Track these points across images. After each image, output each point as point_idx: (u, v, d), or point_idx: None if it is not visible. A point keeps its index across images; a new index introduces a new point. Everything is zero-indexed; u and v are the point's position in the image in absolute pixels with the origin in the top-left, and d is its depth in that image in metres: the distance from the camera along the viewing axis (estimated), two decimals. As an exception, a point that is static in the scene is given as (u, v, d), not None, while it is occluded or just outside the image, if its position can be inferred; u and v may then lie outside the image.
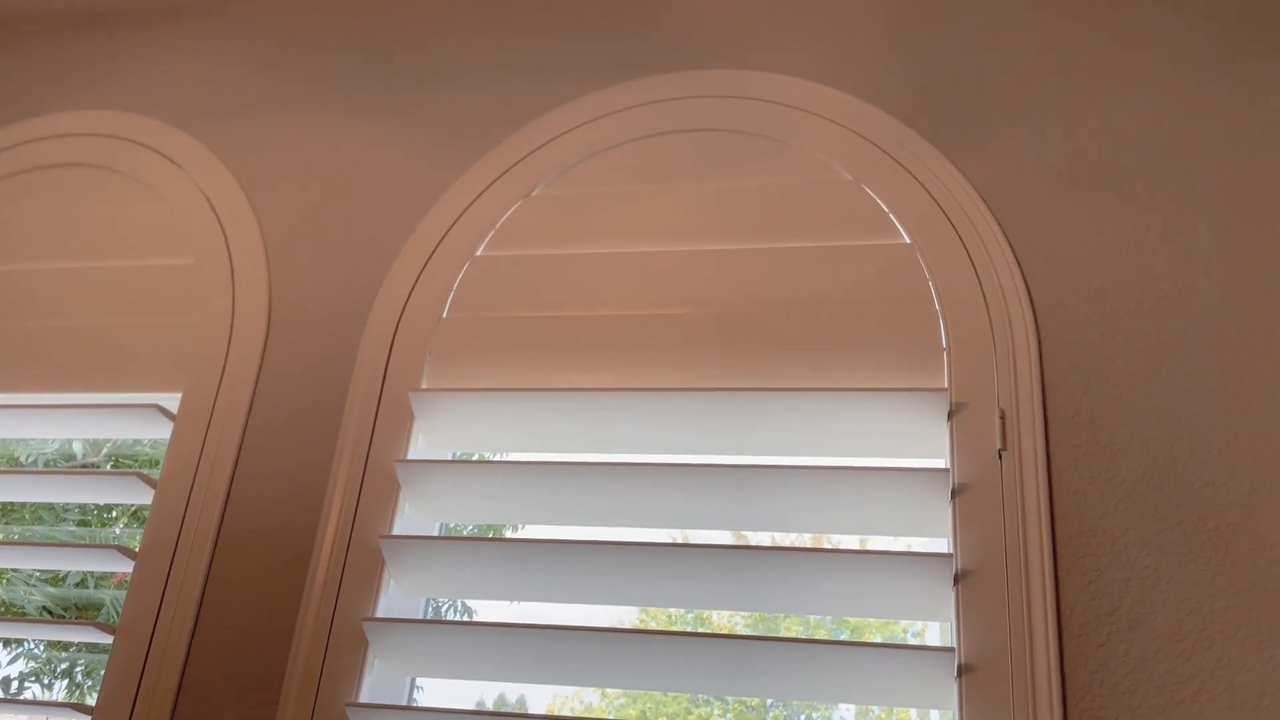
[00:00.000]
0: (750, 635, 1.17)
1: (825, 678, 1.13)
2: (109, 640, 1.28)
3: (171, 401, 1.43)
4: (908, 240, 1.35)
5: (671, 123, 1.50)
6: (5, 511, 2.06)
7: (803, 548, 1.24)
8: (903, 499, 1.20)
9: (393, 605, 1.29)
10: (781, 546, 1.22)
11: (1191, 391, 1.20)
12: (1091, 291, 1.27)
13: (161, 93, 1.72)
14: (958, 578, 1.14)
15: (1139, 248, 1.29)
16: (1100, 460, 1.18)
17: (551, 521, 1.31)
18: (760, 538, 1.37)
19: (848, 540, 1.38)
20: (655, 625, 1.42)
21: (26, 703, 1.54)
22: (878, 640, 1.34)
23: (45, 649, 2.02)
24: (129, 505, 1.72)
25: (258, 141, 1.63)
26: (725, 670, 1.16)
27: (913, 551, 1.17)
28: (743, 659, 1.14)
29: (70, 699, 2.04)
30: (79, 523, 2.12)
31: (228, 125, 1.66)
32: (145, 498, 1.38)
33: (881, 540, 1.29)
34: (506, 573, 1.25)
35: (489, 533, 1.56)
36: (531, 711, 1.33)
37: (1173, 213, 1.31)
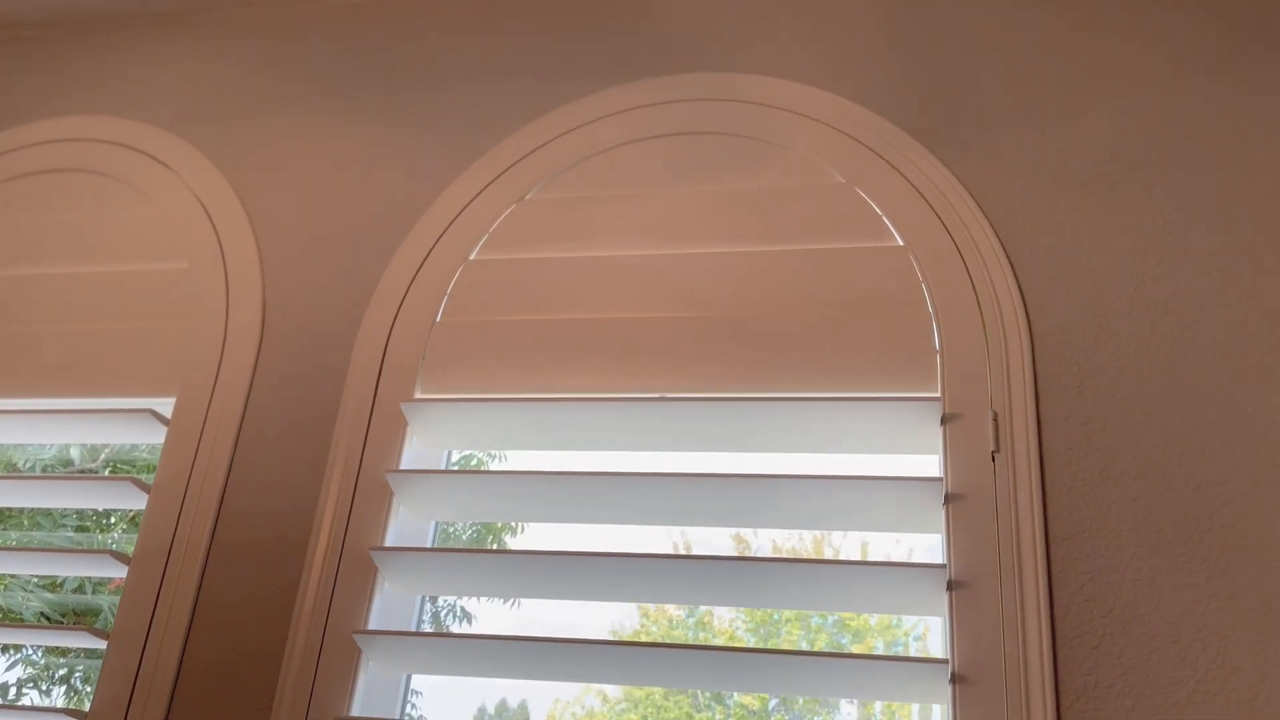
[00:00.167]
0: (746, 648, 1.17)
1: (820, 689, 1.13)
2: (104, 646, 1.28)
3: (166, 406, 1.43)
4: (901, 243, 1.35)
5: (666, 126, 1.50)
6: (3, 518, 2.06)
7: (796, 559, 1.24)
8: (897, 502, 1.20)
9: (386, 613, 1.29)
10: (776, 558, 1.22)
11: (1185, 393, 1.20)
12: (1084, 293, 1.27)
13: (154, 97, 1.72)
14: (951, 583, 1.14)
15: (1132, 249, 1.29)
16: (1093, 462, 1.18)
17: (546, 532, 1.31)
18: (758, 542, 1.37)
19: (842, 539, 1.38)
20: (655, 628, 1.41)
21: (21, 709, 1.53)
22: (874, 653, 1.33)
23: (43, 655, 2.01)
24: (127, 511, 1.71)
25: (251, 145, 1.63)
26: (727, 677, 1.17)
27: (908, 563, 1.17)
28: (741, 668, 1.14)
29: (69, 705, 2.03)
30: (77, 528, 2.12)
31: (221, 129, 1.66)
32: (139, 503, 1.38)
33: (876, 538, 1.29)
34: (501, 582, 1.25)
35: (488, 537, 1.56)
36: (531, 713, 1.33)
37: (1166, 215, 1.31)
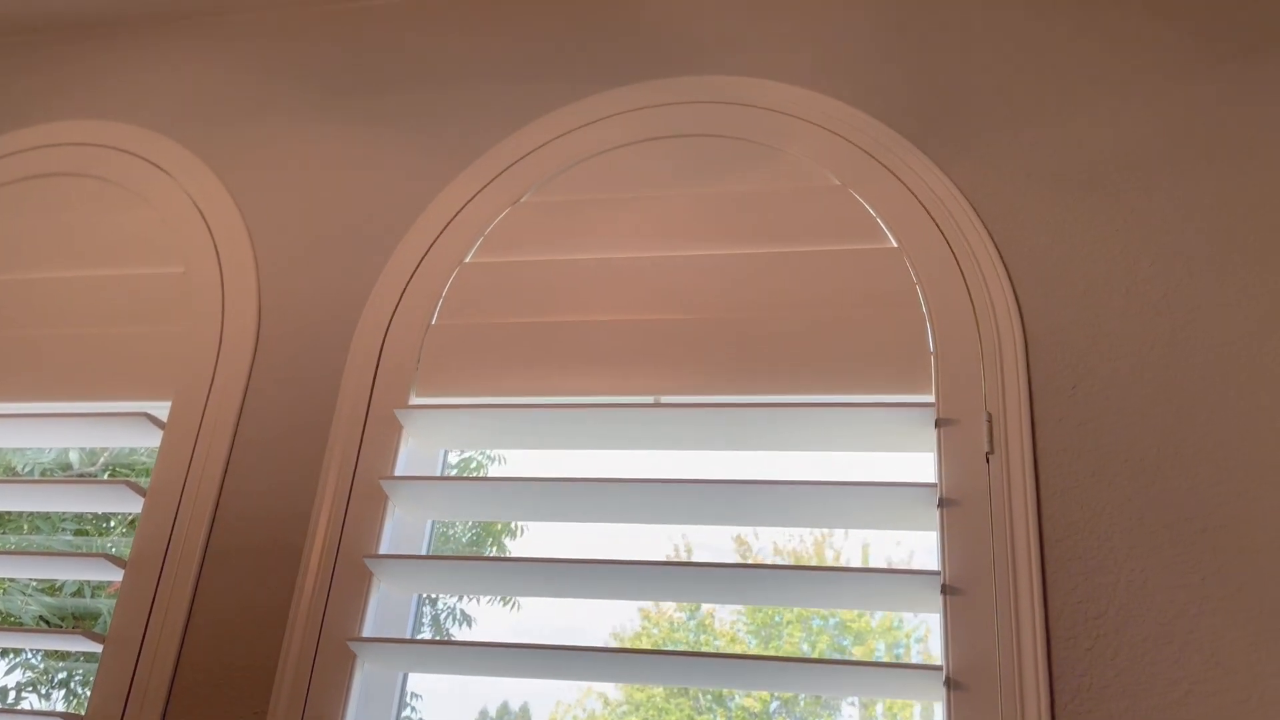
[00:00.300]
0: (741, 654, 1.17)
1: (817, 692, 1.13)
2: (100, 649, 1.28)
3: (161, 410, 1.44)
4: (895, 245, 1.35)
5: (660, 129, 1.50)
6: (2, 521, 2.06)
7: (792, 565, 1.24)
8: (891, 506, 1.20)
9: (381, 617, 1.29)
10: (770, 565, 1.22)
11: (1178, 394, 1.20)
12: (1078, 294, 1.27)
13: (151, 101, 1.72)
14: (945, 587, 1.14)
15: (1125, 250, 1.29)
16: (1087, 463, 1.18)
17: (545, 533, 1.32)
18: (759, 544, 1.38)
19: (844, 539, 1.39)
20: (656, 630, 1.41)
21: (20, 713, 1.53)
22: (868, 659, 1.33)
23: (42, 659, 2.01)
24: (126, 515, 1.72)
25: (248, 149, 1.63)
26: (727, 679, 1.17)
27: (902, 569, 1.17)
28: (740, 672, 1.15)
29: (69, 709, 2.03)
30: (76, 532, 2.12)
31: (217, 133, 1.66)
32: (135, 506, 1.38)
33: (878, 538, 1.30)
34: (497, 587, 1.25)
35: (487, 539, 1.56)
36: (533, 716, 1.33)
37: (1159, 216, 1.31)
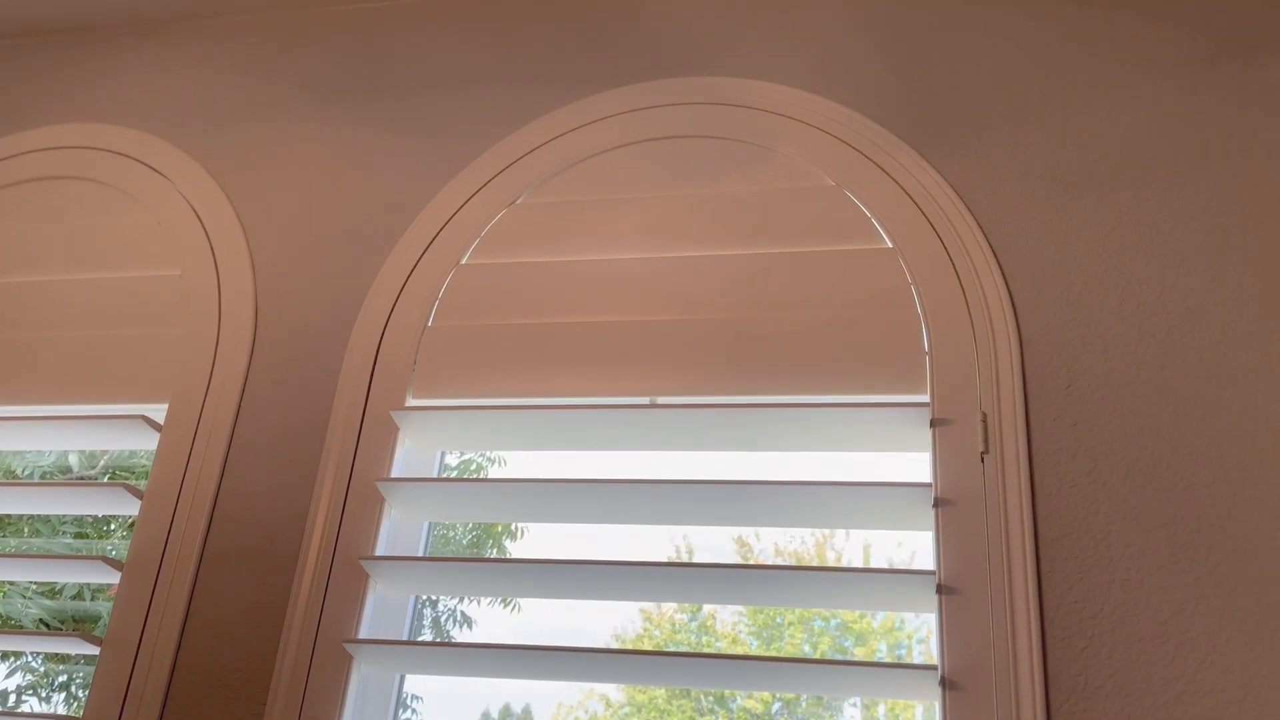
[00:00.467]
0: (734, 655, 1.17)
1: (814, 691, 1.13)
2: (97, 652, 1.28)
3: (158, 413, 1.44)
4: (890, 245, 1.35)
5: (655, 130, 1.50)
6: (3, 525, 2.06)
7: (786, 566, 1.24)
8: (886, 507, 1.20)
9: (378, 618, 1.29)
10: (762, 565, 1.22)
11: (1173, 393, 1.20)
12: (1073, 294, 1.27)
13: (148, 105, 1.73)
14: (941, 587, 1.14)
15: (1120, 250, 1.29)
16: (1082, 462, 1.18)
17: (546, 533, 1.32)
18: (760, 545, 1.38)
19: (845, 539, 1.39)
20: (658, 632, 1.42)
21: (19, 715, 1.53)
22: (863, 659, 1.32)
23: (42, 662, 2.02)
24: (126, 517, 1.72)
25: (243, 152, 1.64)
26: (723, 678, 1.17)
27: (897, 569, 1.17)
28: (732, 674, 1.15)
29: (69, 712, 2.03)
30: (76, 535, 2.12)
31: (214, 136, 1.66)
32: (133, 509, 1.38)
33: (879, 538, 1.30)
34: (494, 589, 1.26)
35: (487, 540, 1.56)
36: (535, 718, 1.33)
37: (1154, 216, 1.31)
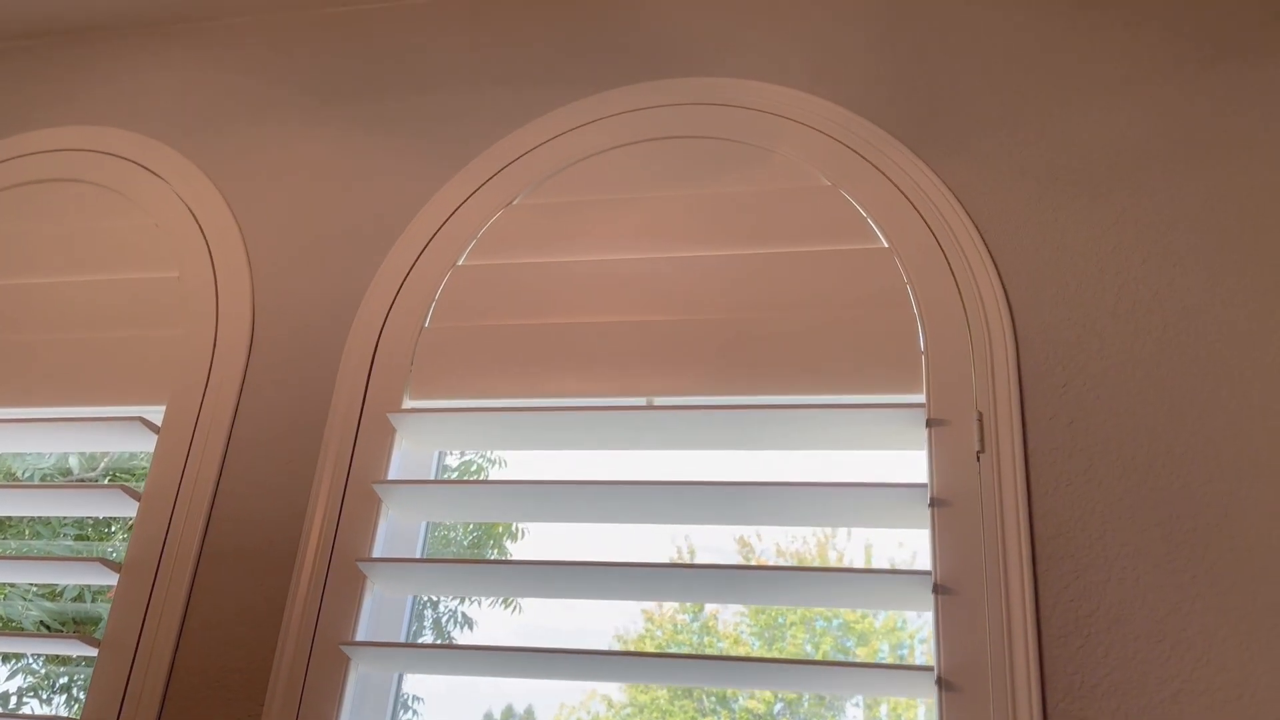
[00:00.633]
0: (732, 656, 1.17)
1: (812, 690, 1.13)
2: (95, 653, 1.29)
3: (156, 414, 1.44)
4: (886, 244, 1.35)
5: (652, 130, 1.50)
6: (3, 527, 2.07)
7: (781, 566, 1.24)
8: (882, 507, 1.20)
9: (375, 620, 1.29)
10: (760, 565, 1.22)
11: (1169, 392, 1.20)
12: (1068, 294, 1.27)
13: (145, 107, 1.73)
14: (937, 586, 1.14)
15: (1116, 250, 1.29)
16: (1078, 461, 1.18)
17: (546, 533, 1.32)
18: (762, 546, 1.38)
19: (846, 539, 1.39)
20: (660, 632, 1.42)
21: (19, 717, 1.54)
22: (863, 660, 1.33)
23: (44, 664, 2.02)
24: (127, 520, 1.72)
25: (241, 154, 1.64)
26: (721, 678, 1.17)
27: (894, 569, 1.17)
28: (733, 675, 1.15)
29: (70, 714, 2.04)
30: (77, 537, 2.12)
31: (211, 138, 1.67)
32: (130, 511, 1.38)
33: (881, 537, 1.30)
34: (493, 589, 1.26)
35: (488, 541, 1.56)
36: (537, 718, 1.33)
37: (1150, 215, 1.31)
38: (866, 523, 1.24)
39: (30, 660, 1.97)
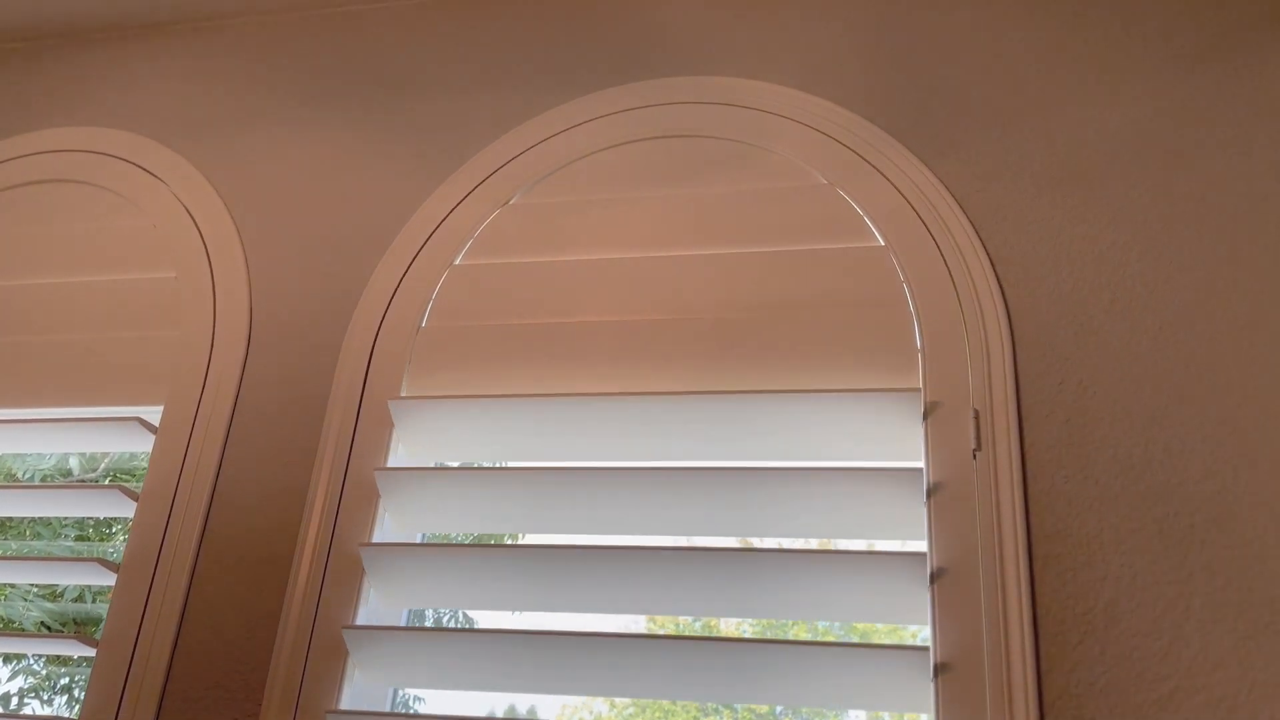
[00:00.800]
0: (712, 637, 1.17)
1: (799, 679, 1.13)
2: (93, 653, 1.29)
3: (154, 415, 1.44)
4: (882, 243, 1.35)
5: (647, 129, 1.50)
6: (4, 528, 2.07)
7: (790, 549, 1.24)
8: (878, 501, 1.20)
9: (373, 614, 1.29)
10: (773, 548, 1.22)
11: (1165, 390, 1.20)
12: (1065, 291, 1.27)
13: (142, 108, 1.73)
14: (933, 576, 1.14)
15: (1112, 247, 1.29)
16: (1075, 459, 1.18)
17: (535, 528, 1.31)
18: (763, 543, 1.38)
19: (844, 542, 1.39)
20: (663, 632, 1.42)
21: (16, 717, 1.54)
22: (852, 640, 1.32)
23: (44, 665, 2.03)
24: (129, 520, 1.72)
25: (238, 155, 1.64)
26: (701, 665, 1.16)
27: (889, 552, 1.17)
28: (731, 666, 1.15)
29: (71, 715, 2.04)
30: (77, 537, 2.13)
31: (208, 139, 1.67)
32: (128, 511, 1.39)
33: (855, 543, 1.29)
34: (494, 581, 1.25)
35: (487, 539, 1.56)
36: (540, 718, 1.33)
37: (1146, 212, 1.31)
38: (863, 522, 1.23)
39: (31, 661, 1.98)
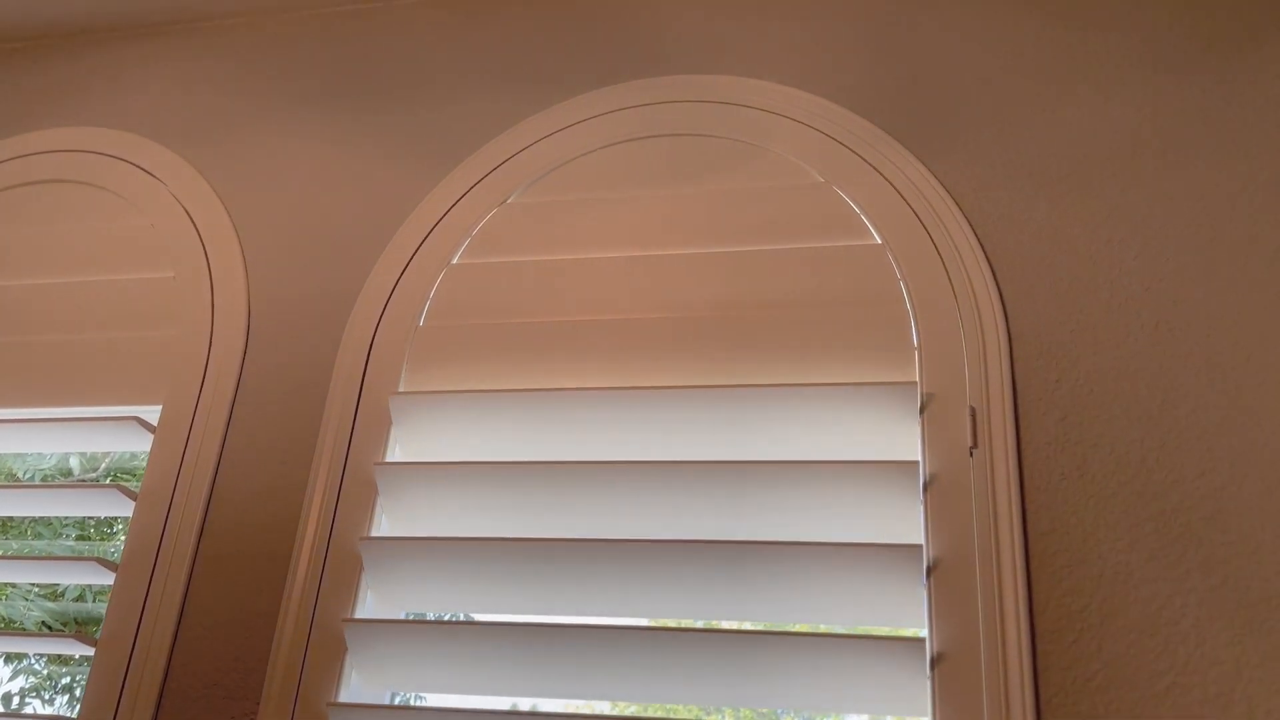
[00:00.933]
0: (714, 629, 1.16)
1: (797, 675, 1.13)
2: (92, 652, 1.29)
3: (152, 414, 1.44)
4: (879, 241, 1.35)
5: (644, 128, 1.50)
6: (4, 527, 2.07)
7: (783, 541, 1.23)
8: (875, 499, 1.20)
9: (372, 614, 1.29)
10: (743, 538, 1.21)
11: (1162, 387, 1.20)
12: (1061, 289, 1.27)
13: (140, 108, 1.73)
14: (929, 569, 1.14)
15: (1108, 244, 1.29)
16: (1071, 457, 1.18)
17: (532, 524, 1.31)
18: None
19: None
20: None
21: (14, 716, 1.54)
22: (845, 631, 1.32)
23: (46, 665, 2.03)
24: (129, 519, 1.73)
25: (236, 154, 1.64)
26: (699, 662, 1.16)
27: (884, 544, 1.16)
28: (706, 653, 1.14)
29: (71, 715, 2.04)
30: (78, 537, 2.13)
31: (206, 139, 1.67)
32: (126, 510, 1.39)
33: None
34: (495, 578, 1.25)
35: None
36: (542, 711, 1.32)
37: (1142, 210, 1.31)
38: (859, 523, 1.23)
39: (32, 661, 1.98)
